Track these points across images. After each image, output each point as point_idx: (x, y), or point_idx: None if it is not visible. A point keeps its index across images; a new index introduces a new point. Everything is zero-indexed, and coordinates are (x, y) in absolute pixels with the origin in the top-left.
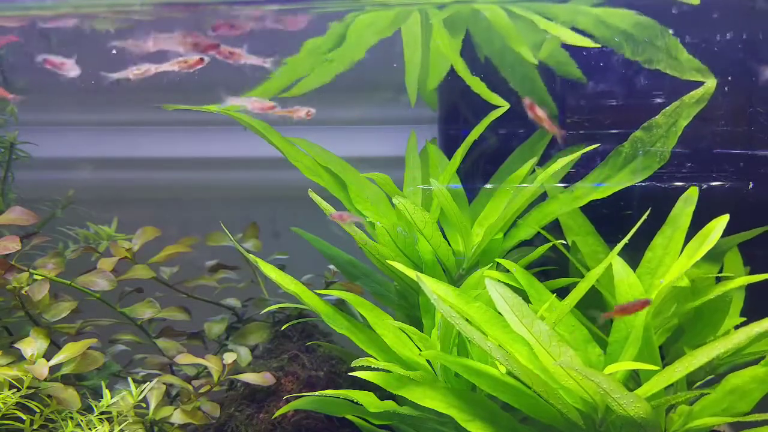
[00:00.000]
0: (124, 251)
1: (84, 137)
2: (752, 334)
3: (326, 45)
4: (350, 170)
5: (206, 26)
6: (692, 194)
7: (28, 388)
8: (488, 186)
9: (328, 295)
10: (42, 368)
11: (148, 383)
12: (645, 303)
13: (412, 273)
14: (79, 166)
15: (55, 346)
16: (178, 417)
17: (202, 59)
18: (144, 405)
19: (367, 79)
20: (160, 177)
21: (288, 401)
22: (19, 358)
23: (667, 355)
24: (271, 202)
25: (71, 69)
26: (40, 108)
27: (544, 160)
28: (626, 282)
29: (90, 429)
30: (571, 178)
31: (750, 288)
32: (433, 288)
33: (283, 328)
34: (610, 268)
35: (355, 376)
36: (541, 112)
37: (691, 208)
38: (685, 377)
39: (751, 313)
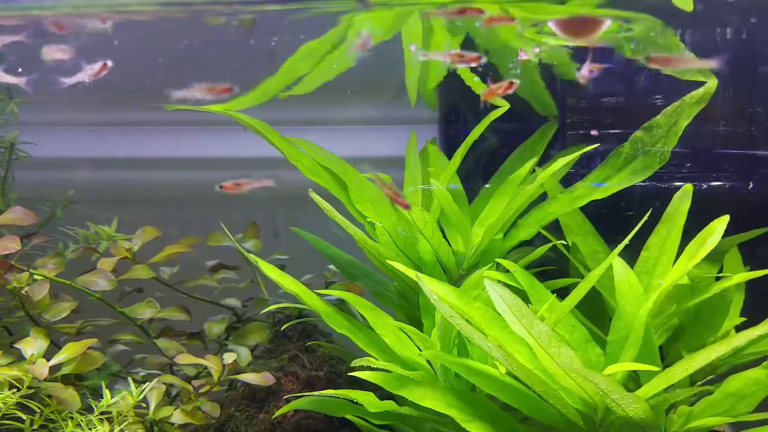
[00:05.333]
0: (124, 251)
1: (84, 137)
2: (752, 337)
3: (325, 45)
4: (350, 170)
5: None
6: (687, 191)
7: (28, 388)
8: (488, 186)
9: (328, 295)
10: (42, 368)
11: (148, 383)
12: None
13: (412, 273)
14: (79, 166)
15: (55, 346)
16: (178, 417)
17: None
18: (144, 405)
19: (367, 80)
20: (160, 177)
21: (288, 401)
22: (19, 358)
23: (667, 355)
24: (271, 202)
25: None
26: (40, 108)
27: (544, 160)
28: (626, 282)
29: (90, 429)
30: (571, 178)
31: (750, 288)
32: (433, 288)
33: (283, 328)
34: (610, 269)
35: (355, 376)
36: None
37: (686, 206)
38: (685, 378)
39: (750, 314)
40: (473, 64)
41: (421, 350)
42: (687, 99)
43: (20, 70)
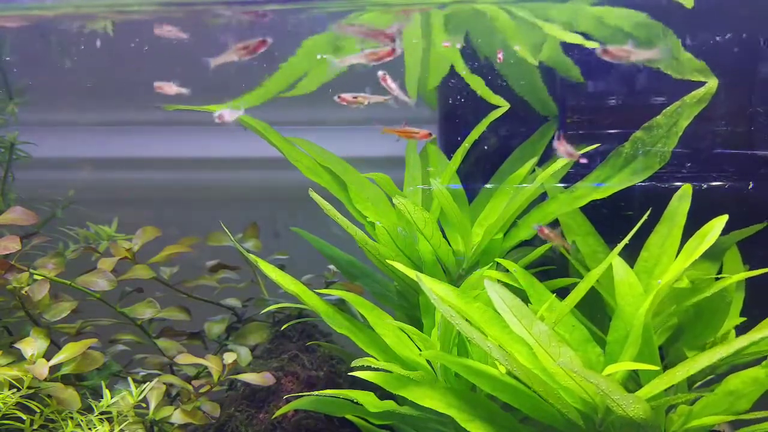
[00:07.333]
0: (124, 251)
1: (84, 137)
2: (754, 339)
3: (325, 45)
4: (350, 170)
5: None
6: (686, 191)
7: (28, 388)
8: (488, 186)
9: (328, 295)
10: (42, 368)
11: (148, 383)
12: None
13: (412, 273)
14: (79, 166)
15: (55, 346)
16: (178, 417)
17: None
18: (144, 405)
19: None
20: (160, 177)
21: (288, 401)
22: (19, 358)
23: (667, 355)
24: (271, 202)
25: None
26: (40, 108)
27: (544, 160)
28: (626, 282)
29: (90, 429)
30: (571, 178)
31: (749, 288)
32: (433, 288)
33: (283, 328)
34: (610, 268)
35: (355, 376)
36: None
37: (686, 206)
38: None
39: (750, 313)
40: (387, 59)
41: (421, 350)
42: (687, 99)
43: None
